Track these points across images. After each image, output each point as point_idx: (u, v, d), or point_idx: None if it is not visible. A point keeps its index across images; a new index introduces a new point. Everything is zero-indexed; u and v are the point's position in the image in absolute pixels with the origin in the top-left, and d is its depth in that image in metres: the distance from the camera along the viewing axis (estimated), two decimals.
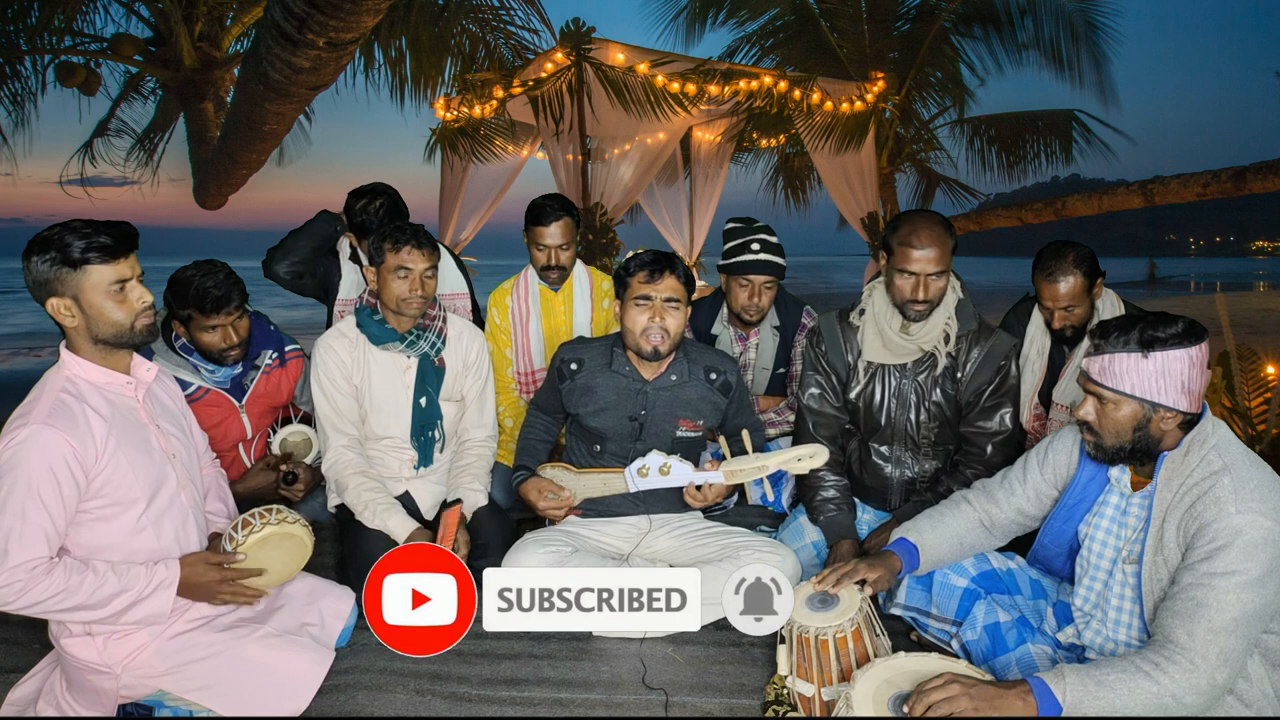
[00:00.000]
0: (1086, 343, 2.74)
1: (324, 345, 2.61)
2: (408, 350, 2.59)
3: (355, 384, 2.60)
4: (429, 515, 2.69)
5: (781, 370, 3.30)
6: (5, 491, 1.66)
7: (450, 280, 3.35)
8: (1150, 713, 1.53)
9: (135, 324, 1.80)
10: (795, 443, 2.69)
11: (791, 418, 3.19)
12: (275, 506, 2.03)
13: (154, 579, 1.82)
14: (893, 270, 2.37)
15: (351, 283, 3.26)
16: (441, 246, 3.39)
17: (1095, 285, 2.69)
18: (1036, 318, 2.86)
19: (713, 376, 2.55)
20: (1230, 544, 1.56)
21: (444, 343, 2.66)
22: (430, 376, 2.63)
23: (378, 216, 3.06)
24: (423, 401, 2.63)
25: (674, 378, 2.51)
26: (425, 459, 2.69)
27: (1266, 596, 1.55)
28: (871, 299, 2.50)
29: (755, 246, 3.04)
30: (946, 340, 2.42)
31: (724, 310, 3.29)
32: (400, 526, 2.44)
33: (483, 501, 2.62)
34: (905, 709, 1.59)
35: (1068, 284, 2.63)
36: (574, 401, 2.55)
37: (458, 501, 2.49)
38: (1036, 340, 2.86)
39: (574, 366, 2.55)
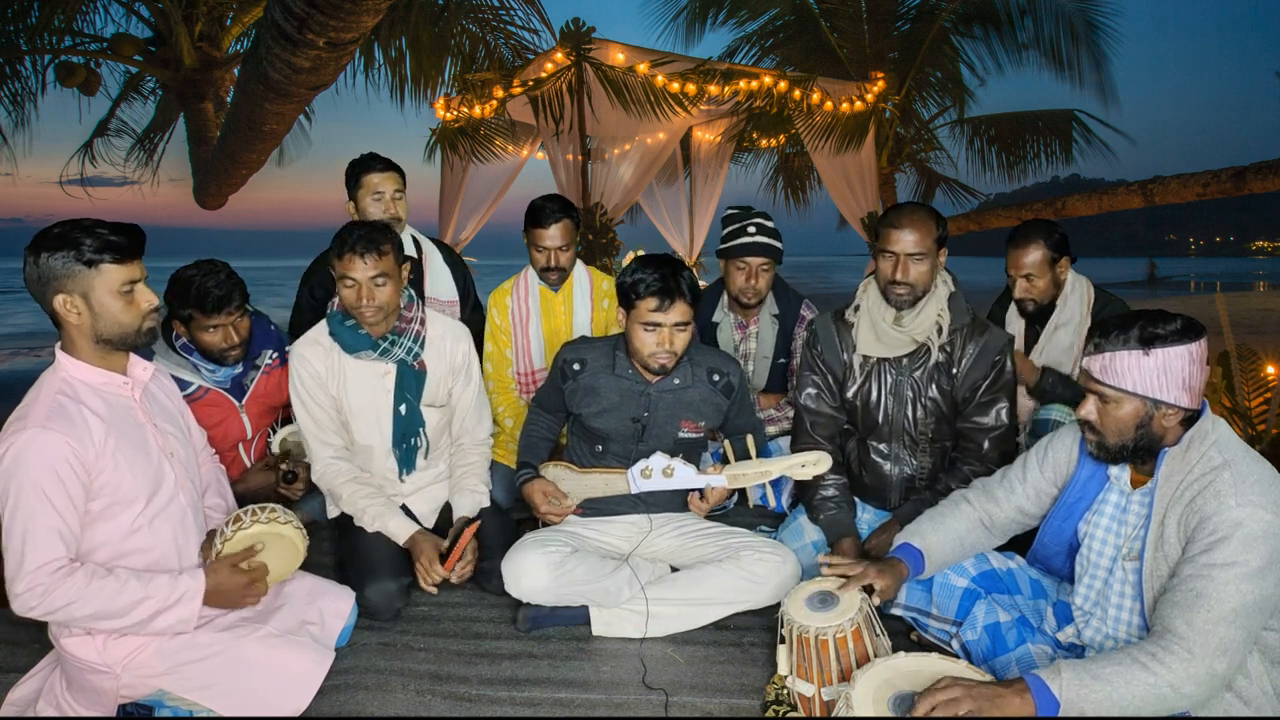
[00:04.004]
0: (1050, 321, 2.84)
1: (297, 355, 2.50)
2: (382, 358, 2.48)
3: (332, 393, 2.51)
4: (427, 523, 2.64)
5: (782, 360, 3.34)
6: (13, 499, 1.65)
7: (442, 286, 3.29)
8: (1149, 704, 1.53)
9: (141, 326, 1.81)
10: (793, 442, 2.70)
11: (791, 414, 3.21)
12: (269, 506, 2.02)
13: (179, 588, 1.82)
14: (878, 254, 2.44)
15: None
16: (439, 246, 3.38)
17: (1060, 263, 2.82)
18: (1012, 308, 3.03)
19: (715, 378, 2.55)
20: (1230, 536, 1.57)
21: (422, 346, 2.54)
22: (410, 382, 2.52)
23: (365, 161, 3.04)
24: (403, 409, 2.53)
25: (677, 380, 2.50)
26: (408, 466, 2.60)
27: (1266, 589, 1.55)
28: (866, 294, 2.53)
29: (751, 230, 3.15)
30: (940, 332, 2.44)
31: (725, 297, 3.34)
32: (401, 528, 2.42)
33: (485, 503, 2.61)
34: (905, 711, 1.59)
35: (1030, 254, 2.81)
36: (576, 402, 2.55)
37: (478, 519, 2.48)
38: (1012, 324, 3.05)
39: (576, 367, 2.54)
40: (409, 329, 2.51)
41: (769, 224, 3.19)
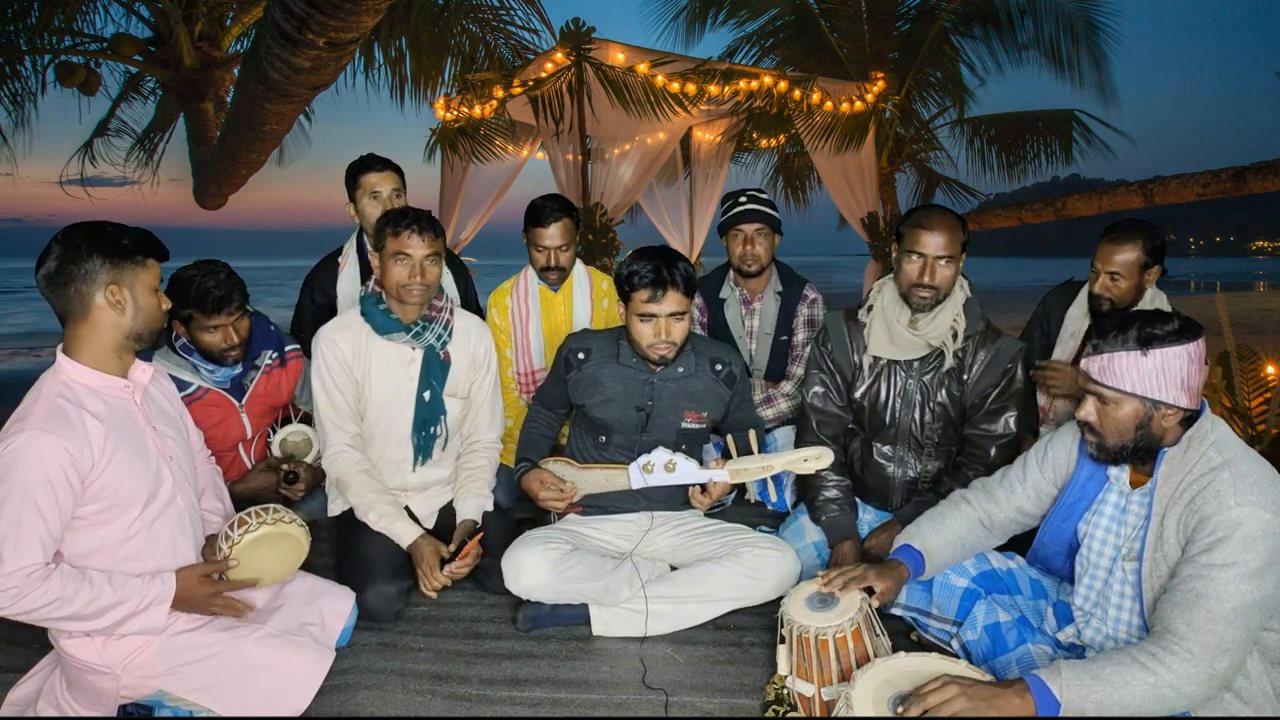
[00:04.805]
0: None
1: (325, 338, 2.52)
2: (413, 341, 2.52)
3: (356, 378, 2.53)
4: (429, 524, 2.66)
5: (784, 338, 3.40)
6: (0, 498, 1.65)
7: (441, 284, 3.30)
8: (1150, 704, 1.54)
9: (163, 324, 1.87)
10: (798, 440, 2.71)
11: (788, 389, 3.32)
12: (272, 506, 2.03)
13: (149, 593, 1.81)
14: (902, 255, 2.40)
15: (350, 290, 3.22)
16: None
17: (1150, 270, 2.68)
18: (1081, 301, 2.87)
19: (718, 368, 2.56)
20: (1230, 536, 1.57)
21: (450, 336, 2.60)
22: (435, 370, 2.57)
23: (363, 161, 3.08)
24: (426, 395, 2.56)
25: (680, 369, 2.51)
26: (425, 454, 2.61)
27: (1266, 588, 1.55)
28: (881, 294, 2.52)
29: (744, 200, 3.32)
30: (955, 337, 2.43)
31: (731, 274, 3.43)
32: (406, 532, 2.42)
33: (489, 507, 2.61)
34: (901, 709, 1.59)
35: (1125, 252, 2.65)
36: (580, 392, 2.55)
37: (481, 530, 2.48)
38: (1075, 322, 2.87)
39: (581, 356, 2.55)
40: (439, 318, 2.57)
41: (761, 195, 3.37)
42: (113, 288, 1.74)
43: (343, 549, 2.52)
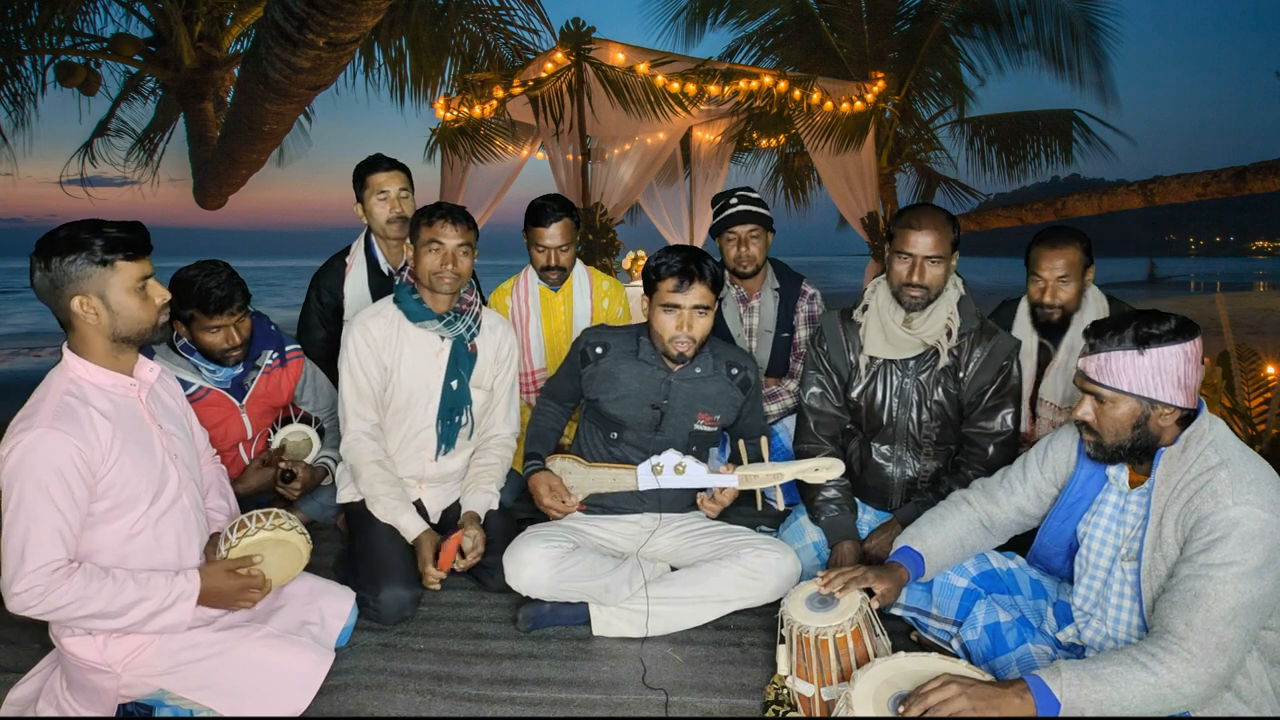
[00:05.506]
0: (1070, 335, 2.73)
1: (359, 323, 2.56)
2: (444, 330, 2.56)
3: (386, 364, 2.57)
4: (435, 519, 2.69)
5: (785, 335, 3.40)
6: (16, 497, 1.65)
7: None
8: (1149, 704, 1.54)
9: (157, 321, 1.83)
10: (796, 440, 2.71)
11: (792, 386, 3.31)
12: (275, 511, 2.02)
13: (174, 590, 1.82)
14: (893, 255, 2.41)
15: (357, 291, 3.21)
16: None
17: (1089, 270, 2.72)
18: (1021, 319, 2.85)
19: (734, 372, 2.57)
20: (1228, 535, 1.57)
21: (479, 329, 2.65)
22: (463, 360, 2.61)
23: (371, 162, 3.13)
24: (454, 384, 2.61)
25: (698, 370, 2.52)
26: (449, 443, 2.64)
27: (1264, 588, 1.55)
28: (875, 294, 2.53)
29: (734, 201, 3.32)
30: (949, 335, 2.43)
31: (726, 273, 3.42)
32: (412, 525, 2.45)
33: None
34: (901, 709, 1.59)
35: (1067, 254, 2.66)
36: (595, 386, 2.55)
37: (459, 531, 2.48)
38: (1023, 341, 2.81)
39: (599, 350, 2.55)
40: (470, 310, 2.63)
41: (752, 194, 3.36)
42: (80, 298, 1.73)
43: (357, 546, 2.52)
